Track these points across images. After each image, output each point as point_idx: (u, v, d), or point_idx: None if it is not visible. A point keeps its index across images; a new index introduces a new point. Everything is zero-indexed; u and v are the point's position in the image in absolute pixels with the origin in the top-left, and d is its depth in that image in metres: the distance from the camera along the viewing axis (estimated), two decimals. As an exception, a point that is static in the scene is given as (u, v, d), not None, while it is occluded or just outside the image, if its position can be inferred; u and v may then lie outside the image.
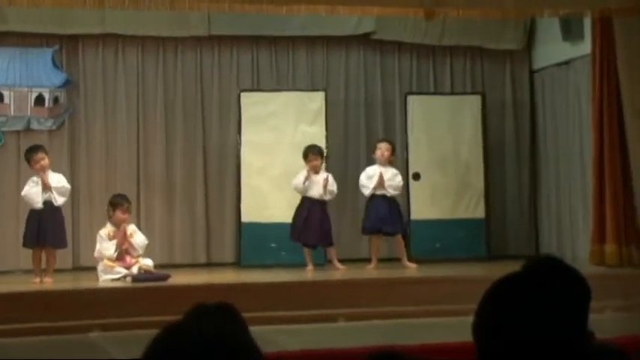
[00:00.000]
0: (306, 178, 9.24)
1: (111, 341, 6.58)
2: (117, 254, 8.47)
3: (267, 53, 10.55)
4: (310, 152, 9.40)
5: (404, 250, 9.48)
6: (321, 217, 9.28)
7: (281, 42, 10.53)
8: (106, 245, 8.51)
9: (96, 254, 8.60)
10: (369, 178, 9.41)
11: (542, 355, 1.83)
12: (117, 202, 8.74)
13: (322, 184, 9.25)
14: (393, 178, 9.44)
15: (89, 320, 7.09)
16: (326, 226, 9.31)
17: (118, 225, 8.61)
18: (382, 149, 9.48)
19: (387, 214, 9.34)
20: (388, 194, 9.36)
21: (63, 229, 8.60)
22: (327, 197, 9.32)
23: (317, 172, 9.35)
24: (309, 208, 9.27)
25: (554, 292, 1.89)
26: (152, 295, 7.67)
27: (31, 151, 8.64)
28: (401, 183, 9.50)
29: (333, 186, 9.35)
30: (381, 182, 9.33)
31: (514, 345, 1.84)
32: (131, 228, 8.71)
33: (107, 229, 8.64)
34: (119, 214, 8.64)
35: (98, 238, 8.62)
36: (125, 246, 8.54)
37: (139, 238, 8.66)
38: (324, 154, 9.54)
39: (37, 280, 8.38)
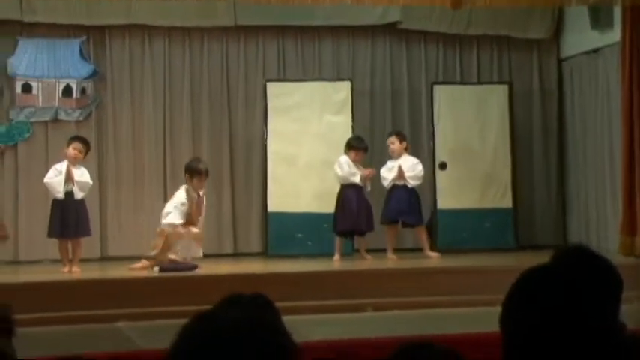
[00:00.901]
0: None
1: (137, 331, 6.61)
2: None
3: (293, 43, 10.54)
4: (354, 144, 9.35)
5: (426, 241, 9.46)
6: (360, 203, 9.25)
7: (307, 32, 10.51)
8: (175, 215, 8.34)
9: (163, 221, 8.47)
10: (388, 171, 9.41)
11: (571, 347, 1.81)
12: (194, 168, 8.57)
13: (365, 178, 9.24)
14: (413, 167, 9.40)
15: (116, 310, 7.13)
16: (365, 210, 9.29)
17: (194, 193, 8.42)
18: (389, 144, 9.52)
19: (406, 206, 9.32)
20: (409, 185, 9.34)
21: (85, 218, 8.62)
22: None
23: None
24: (346, 194, 9.24)
25: (584, 282, 1.87)
26: (179, 285, 7.70)
27: (73, 139, 8.70)
28: (421, 172, 9.46)
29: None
30: (400, 174, 9.31)
31: (542, 336, 1.82)
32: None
33: (181, 197, 8.43)
34: (196, 183, 8.47)
35: (169, 205, 8.51)
36: (199, 216, 8.40)
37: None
38: (367, 149, 9.49)
39: (66, 269, 8.44)
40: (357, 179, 9.24)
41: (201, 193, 8.52)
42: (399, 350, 1.83)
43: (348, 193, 9.28)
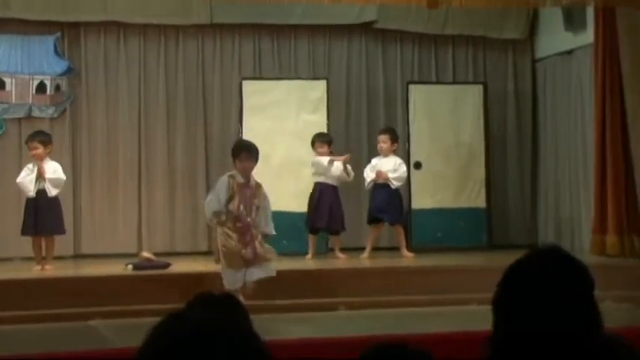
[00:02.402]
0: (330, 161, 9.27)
1: (111, 329, 6.58)
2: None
3: (269, 41, 10.53)
4: (317, 140, 9.43)
5: (403, 240, 9.51)
6: (333, 202, 9.29)
7: (283, 30, 10.51)
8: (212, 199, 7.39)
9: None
10: (371, 169, 9.47)
11: (548, 347, 1.83)
12: (236, 149, 7.64)
13: (338, 173, 9.26)
14: (396, 168, 9.45)
15: (90, 308, 7.10)
16: (338, 210, 9.32)
17: (242, 176, 7.41)
18: (380, 142, 9.56)
19: (385, 204, 9.37)
20: (393, 186, 9.38)
21: (59, 216, 8.57)
22: (349, 179, 9.37)
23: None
24: (321, 192, 9.28)
25: (557, 283, 1.89)
26: (153, 283, 7.68)
27: (28, 139, 8.64)
28: (405, 173, 9.52)
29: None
30: (379, 175, 9.35)
31: (520, 334, 1.84)
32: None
33: (230, 179, 7.40)
34: (238, 164, 7.47)
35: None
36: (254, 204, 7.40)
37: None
38: (332, 142, 9.54)
39: (38, 267, 8.39)
40: (333, 175, 9.26)
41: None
42: (372, 349, 1.85)
43: (322, 191, 9.31)
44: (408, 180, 9.94)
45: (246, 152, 7.40)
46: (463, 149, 10.39)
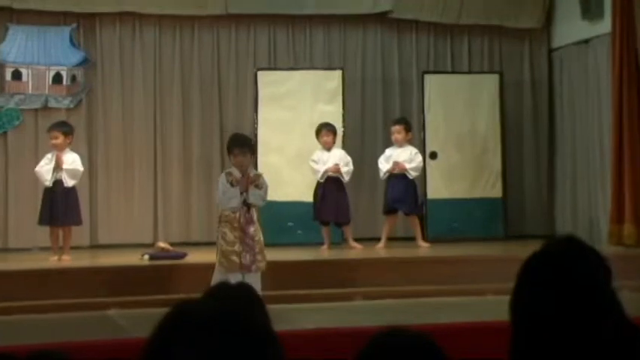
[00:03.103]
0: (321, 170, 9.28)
1: (128, 319, 6.60)
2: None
3: (284, 32, 10.52)
4: (323, 128, 9.43)
5: (419, 230, 9.51)
6: (337, 194, 9.29)
7: (298, 20, 10.50)
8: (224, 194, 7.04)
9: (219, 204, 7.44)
10: (385, 160, 9.47)
11: (568, 337, 1.82)
12: (229, 145, 7.34)
13: (332, 168, 9.25)
14: (412, 158, 9.43)
15: (106, 298, 7.13)
16: (342, 202, 9.32)
17: (239, 171, 7.05)
18: (394, 133, 9.54)
19: (401, 194, 9.36)
20: (410, 176, 9.37)
21: (76, 207, 8.59)
22: (346, 178, 9.32)
23: (329, 149, 9.38)
24: (324, 186, 9.30)
25: (575, 273, 1.89)
26: (169, 273, 7.70)
27: (50, 128, 8.68)
28: (421, 163, 9.51)
29: (347, 166, 9.34)
30: (394, 167, 9.34)
31: (540, 325, 1.84)
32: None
33: (228, 175, 7.09)
34: (232, 159, 7.18)
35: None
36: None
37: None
38: (336, 132, 9.54)
39: (55, 257, 8.42)
40: (319, 175, 9.28)
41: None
42: (375, 337, 1.85)
43: (327, 185, 9.30)
44: (423, 170, 9.93)
45: (239, 147, 7.11)
46: (479, 139, 10.36)
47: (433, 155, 10.19)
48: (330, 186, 9.30)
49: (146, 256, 8.29)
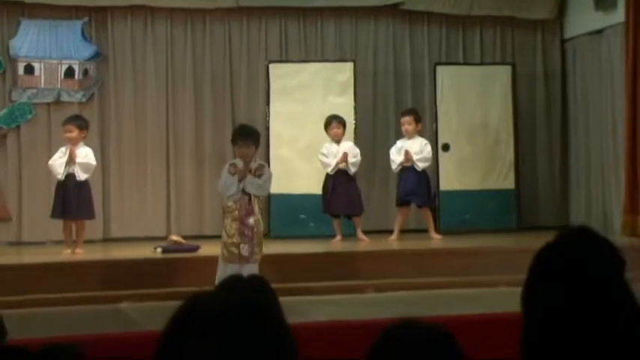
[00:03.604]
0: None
1: (140, 312, 6.62)
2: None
3: (296, 24, 10.51)
4: (333, 121, 9.42)
5: (431, 222, 9.51)
6: (347, 186, 9.29)
7: (309, 13, 10.48)
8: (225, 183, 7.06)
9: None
10: (397, 152, 9.47)
11: (581, 328, 1.81)
12: (233, 136, 7.38)
13: (341, 159, 9.24)
14: (421, 149, 9.43)
15: (119, 291, 7.15)
16: (353, 194, 9.31)
17: (243, 162, 7.06)
18: (404, 124, 9.55)
19: (414, 186, 9.36)
20: (418, 168, 9.36)
21: (88, 201, 8.62)
22: (352, 170, 9.31)
23: (338, 141, 9.38)
24: (334, 178, 9.30)
25: (589, 264, 1.88)
26: (182, 266, 7.71)
27: (65, 121, 8.72)
28: (430, 153, 9.50)
29: (355, 158, 9.33)
30: (407, 158, 9.33)
31: (551, 316, 1.83)
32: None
33: (231, 166, 7.12)
34: (236, 150, 7.26)
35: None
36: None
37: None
38: (345, 124, 9.53)
39: (68, 251, 8.45)
40: (329, 169, 9.27)
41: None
42: (387, 329, 1.84)
43: (336, 177, 9.29)
44: (436, 162, 9.91)
45: (242, 139, 7.12)
46: (491, 130, 10.33)
47: (445, 147, 10.17)
48: (340, 178, 9.30)
49: (159, 250, 8.31)
